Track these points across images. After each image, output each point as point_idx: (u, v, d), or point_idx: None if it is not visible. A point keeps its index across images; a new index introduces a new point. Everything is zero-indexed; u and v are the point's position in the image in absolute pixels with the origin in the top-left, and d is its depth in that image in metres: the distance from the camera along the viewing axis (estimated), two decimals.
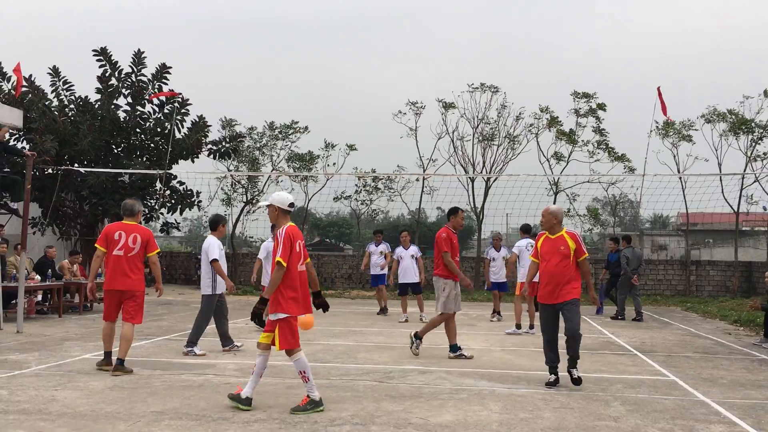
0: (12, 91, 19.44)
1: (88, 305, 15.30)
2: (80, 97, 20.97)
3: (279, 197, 6.21)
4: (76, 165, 20.40)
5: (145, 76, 21.11)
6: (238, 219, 26.53)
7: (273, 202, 6.17)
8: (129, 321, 7.66)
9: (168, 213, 21.93)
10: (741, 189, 24.41)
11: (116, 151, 21.40)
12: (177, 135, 21.13)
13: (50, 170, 19.36)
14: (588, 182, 25.28)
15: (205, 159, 22.86)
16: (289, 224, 6.11)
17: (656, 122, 24.17)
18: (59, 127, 19.66)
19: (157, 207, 21.38)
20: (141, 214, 8.17)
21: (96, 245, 7.86)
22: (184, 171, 21.97)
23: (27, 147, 18.91)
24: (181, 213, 22.07)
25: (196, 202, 22.07)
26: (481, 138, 26.16)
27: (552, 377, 7.24)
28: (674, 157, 25.26)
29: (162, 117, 21.35)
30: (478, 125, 26.16)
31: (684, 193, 24.05)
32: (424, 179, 25.93)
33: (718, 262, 25.53)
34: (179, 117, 21.14)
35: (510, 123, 26.05)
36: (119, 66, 21.05)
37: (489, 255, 14.53)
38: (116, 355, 7.60)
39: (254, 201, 26.12)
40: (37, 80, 20.66)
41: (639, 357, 9.51)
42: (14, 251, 14.24)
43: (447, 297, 8.99)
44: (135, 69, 21.03)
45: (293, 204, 6.28)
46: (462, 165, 26.39)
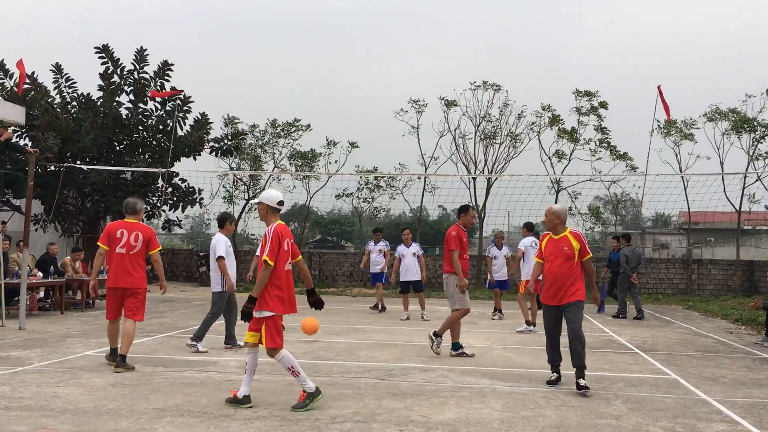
0: (14, 88, 19.46)
1: (90, 302, 15.33)
2: (82, 95, 20.99)
3: (268, 195, 6.22)
4: (79, 162, 20.41)
5: (147, 74, 21.13)
6: (240, 217, 26.57)
7: (262, 200, 6.20)
8: (131, 317, 7.71)
9: (170, 210, 21.97)
10: (743, 188, 24.40)
11: (118, 149, 21.41)
12: (179, 132, 21.16)
13: (52, 167, 19.40)
14: (590, 181, 25.28)
15: (207, 157, 22.91)
16: (278, 222, 6.11)
17: (657, 121, 24.16)
18: (61, 124, 19.69)
19: (159, 204, 21.40)
20: (143, 213, 8.21)
21: (98, 243, 7.94)
22: (186, 168, 22.06)
23: (29, 144, 18.93)
24: (183, 210, 22.09)
25: (198, 200, 22.08)
26: (483, 136, 26.16)
27: (553, 375, 7.24)
28: (676, 156, 25.27)
29: (164, 114, 21.36)
30: (480, 123, 26.16)
31: (686, 192, 24.04)
32: (426, 178, 25.93)
33: (720, 261, 25.51)
34: (181, 114, 21.16)
35: (512, 121, 26.08)
36: (121, 63, 21.06)
37: (491, 253, 14.53)
38: (119, 352, 7.63)
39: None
40: (39, 78, 20.71)
41: (640, 355, 9.52)
42: (16, 248, 14.27)
43: (463, 293, 8.93)
44: (137, 66, 21.04)
45: (283, 202, 6.27)
46: (464, 163, 26.40)
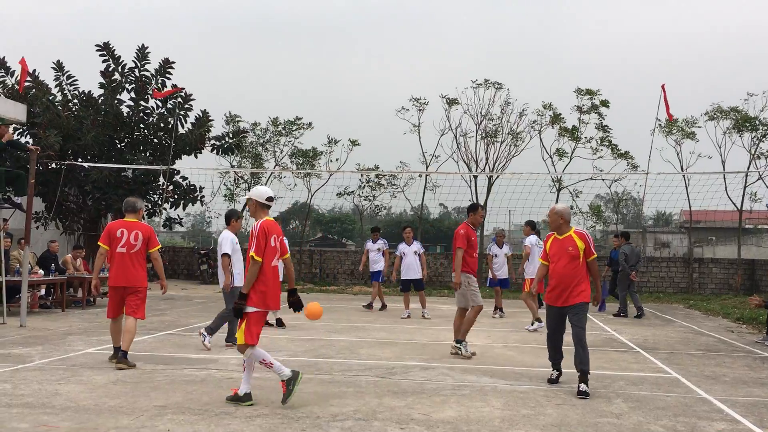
0: (16, 86, 19.47)
1: (91, 300, 15.34)
2: (84, 92, 21.00)
3: (257, 191, 6.25)
4: (80, 160, 20.41)
5: (149, 71, 21.12)
6: (241, 214, 26.62)
7: (251, 196, 6.23)
8: (131, 315, 7.75)
9: (171, 208, 21.98)
10: (744, 186, 24.39)
11: (119, 146, 21.41)
12: (180, 130, 21.16)
13: (54, 165, 19.40)
14: (591, 179, 25.27)
15: (208, 154, 22.91)
16: (266, 219, 6.13)
17: (659, 120, 24.15)
18: (63, 122, 19.70)
19: (160, 202, 21.41)
20: (143, 211, 8.25)
21: (99, 243, 8.01)
22: (187, 166, 22.15)
23: (31, 142, 18.94)
24: (184, 208, 22.10)
25: (199, 198, 22.10)
26: (485, 134, 26.15)
27: (554, 373, 7.21)
28: (677, 155, 25.25)
29: (165, 112, 21.36)
30: (482, 122, 26.16)
31: (687, 191, 24.04)
32: (427, 176, 25.93)
33: (721, 260, 25.51)
34: (182, 112, 21.15)
35: (513, 119, 26.07)
36: (122, 61, 21.06)
37: (491, 251, 14.53)
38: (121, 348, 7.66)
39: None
40: (41, 76, 20.71)
41: (641, 354, 9.51)
42: (18, 246, 14.29)
43: (474, 290, 8.86)
44: (138, 64, 21.04)
45: (272, 198, 6.30)
46: (465, 161, 26.40)
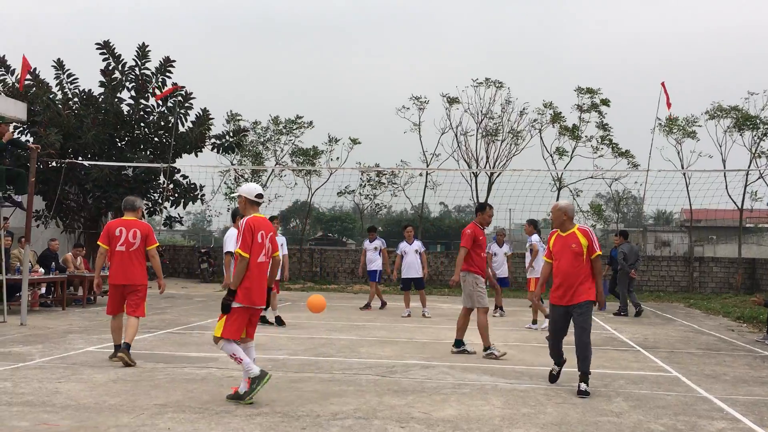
0: (16, 85, 19.46)
1: (92, 298, 15.35)
2: (84, 91, 20.98)
3: (246, 188, 6.30)
4: (80, 158, 20.41)
5: (149, 70, 21.10)
6: None
7: (241, 193, 6.28)
8: (132, 314, 7.81)
9: (171, 207, 21.96)
10: (745, 185, 24.40)
11: (120, 145, 21.40)
12: (180, 128, 21.14)
13: (54, 163, 19.39)
14: (591, 178, 25.27)
15: (209, 153, 22.92)
16: (253, 215, 6.15)
17: (659, 119, 24.15)
18: (63, 121, 19.69)
19: (161, 201, 21.40)
20: (142, 210, 8.29)
21: (98, 243, 8.08)
22: (188, 165, 22.00)
23: (31, 140, 18.93)
24: (185, 207, 22.08)
25: (200, 196, 22.08)
26: (485, 133, 26.15)
27: (556, 368, 7.09)
28: (678, 154, 25.25)
29: (165, 110, 21.35)
30: (482, 120, 26.16)
31: (688, 190, 24.06)
32: (428, 174, 25.92)
33: (722, 259, 25.51)
34: (182, 111, 21.14)
35: (514, 118, 26.07)
36: (122, 59, 21.04)
37: (491, 250, 14.51)
38: (124, 340, 7.76)
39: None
40: (41, 74, 20.68)
41: (642, 353, 9.51)
42: (18, 244, 14.28)
43: (481, 292, 8.81)
44: (139, 62, 21.02)
45: (261, 195, 6.33)
46: (465, 160, 26.41)
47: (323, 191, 26.86)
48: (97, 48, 20.89)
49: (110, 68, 20.91)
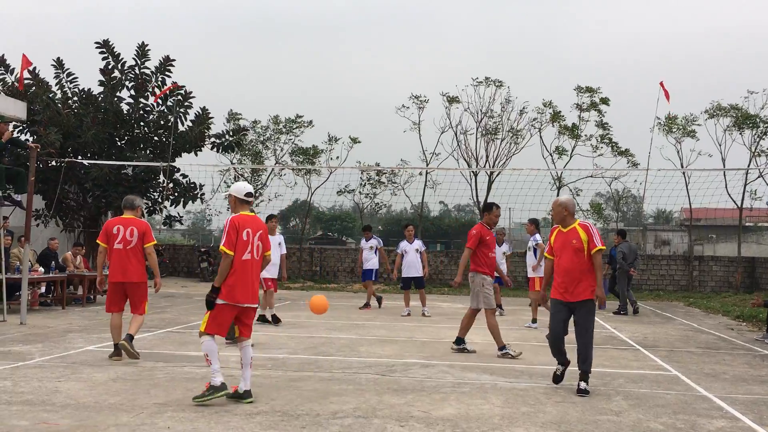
0: (16, 84, 19.45)
1: (92, 297, 15.35)
2: (83, 90, 20.98)
3: (236, 187, 6.35)
4: (80, 157, 20.42)
5: (149, 69, 21.10)
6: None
7: (230, 192, 6.32)
8: (135, 312, 8.03)
9: (171, 206, 21.97)
10: (745, 184, 24.38)
11: (119, 144, 21.41)
12: (180, 128, 21.14)
13: (54, 162, 19.40)
14: (591, 177, 25.27)
15: (209, 152, 22.91)
16: (239, 213, 6.17)
17: (658, 118, 24.14)
18: (63, 120, 19.69)
19: (161, 200, 21.40)
20: (141, 209, 8.36)
21: (98, 241, 8.21)
22: (187, 164, 22.00)
23: (31, 139, 18.93)
24: (184, 206, 22.10)
25: (199, 195, 22.09)
26: (485, 132, 26.14)
27: (560, 368, 6.88)
28: (678, 153, 25.23)
29: (165, 110, 21.35)
30: (482, 119, 26.15)
31: (687, 189, 24.03)
32: (427, 173, 25.92)
33: (721, 258, 25.51)
34: (182, 110, 21.14)
35: (513, 117, 26.06)
36: (122, 58, 21.04)
37: None
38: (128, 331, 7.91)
39: (257, 195, 26.16)
40: (41, 74, 20.68)
41: (641, 352, 9.52)
42: (18, 243, 14.28)
43: (488, 293, 8.74)
44: (138, 62, 21.01)
45: (251, 193, 6.36)
46: (465, 159, 26.40)
47: (323, 190, 26.89)
48: (97, 47, 20.89)
49: (110, 67, 20.92)
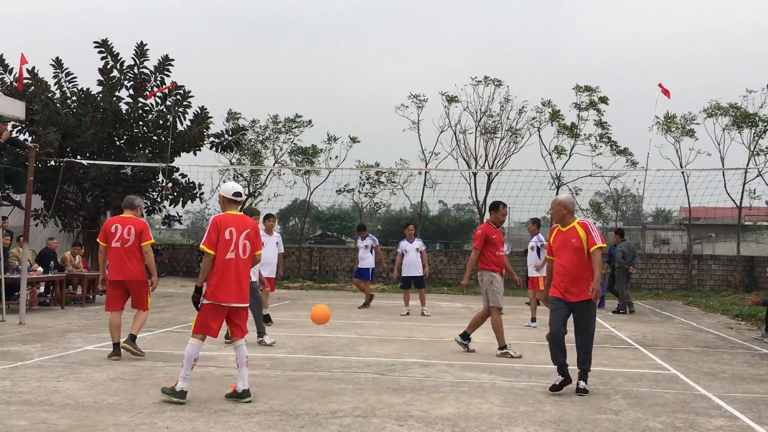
0: (14, 84, 19.44)
1: (91, 297, 15.35)
2: (82, 90, 20.96)
3: (224, 187, 6.39)
4: (79, 157, 20.40)
5: (148, 68, 21.08)
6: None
7: (220, 192, 6.36)
8: (139, 308, 8.16)
9: (170, 205, 21.96)
10: (744, 183, 24.38)
11: (118, 144, 21.39)
12: (179, 127, 21.13)
13: (53, 162, 19.38)
14: (590, 176, 25.28)
15: (208, 151, 22.91)
16: (226, 213, 6.19)
17: (657, 117, 24.14)
18: (62, 119, 19.67)
19: (160, 200, 21.39)
20: (141, 209, 8.39)
21: (98, 240, 8.35)
22: (186, 163, 21.97)
23: (30, 139, 18.92)
24: (183, 205, 22.10)
25: (198, 195, 22.08)
26: (484, 131, 26.14)
27: (559, 378, 6.52)
28: (677, 152, 25.23)
29: (164, 109, 21.33)
30: (481, 119, 26.15)
31: (686, 188, 24.04)
32: (427, 173, 25.92)
33: (720, 257, 25.52)
34: (181, 109, 21.12)
35: (513, 116, 26.06)
36: (121, 58, 21.02)
37: None
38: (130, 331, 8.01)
39: (256, 194, 26.16)
40: (39, 73, 20.66)
41: (640, 351, 9.52)
42: (17, 243, 14.28)
43: (496, 290, 8.70)
44: (137, 61, 21.00)
45: (239, 193, 6.37)
46: (464, 158, 26.40)
47: (322, 190, 26.89)
48: (96, 47, 20.87)
49: (108, 67, 20.90)
